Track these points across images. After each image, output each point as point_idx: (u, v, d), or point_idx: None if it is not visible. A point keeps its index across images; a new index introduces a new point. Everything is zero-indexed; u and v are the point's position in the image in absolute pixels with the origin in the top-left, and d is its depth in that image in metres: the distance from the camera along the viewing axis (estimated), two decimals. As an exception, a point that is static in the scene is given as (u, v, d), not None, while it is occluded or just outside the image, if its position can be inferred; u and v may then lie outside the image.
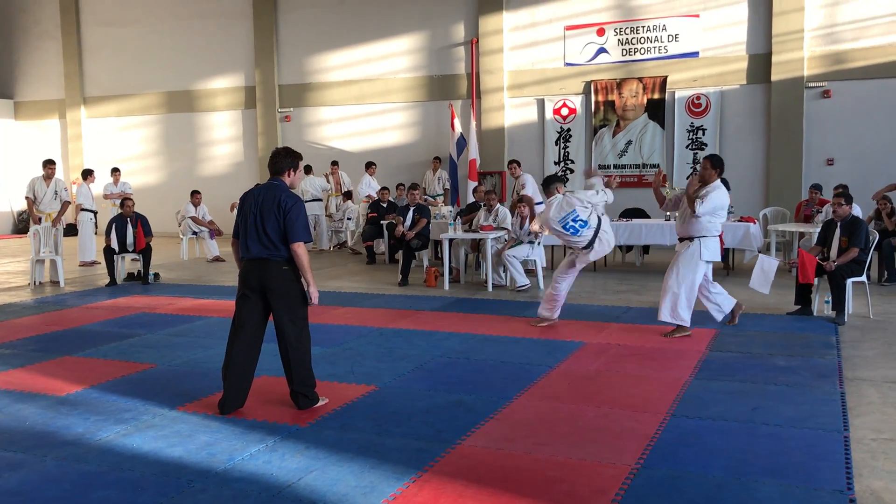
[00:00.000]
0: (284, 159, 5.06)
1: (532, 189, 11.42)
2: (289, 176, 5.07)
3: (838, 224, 7.88)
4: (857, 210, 8.48)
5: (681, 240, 7.08)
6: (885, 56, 12.71)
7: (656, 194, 7.45)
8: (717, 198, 6.77)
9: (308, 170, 14.71)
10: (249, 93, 17.33)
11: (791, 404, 5.01)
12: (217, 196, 15.92)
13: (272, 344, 5.07)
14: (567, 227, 7.19)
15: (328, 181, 14.88)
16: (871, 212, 10.14)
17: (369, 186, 14.31)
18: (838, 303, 7.53)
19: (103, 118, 18.74)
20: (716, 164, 6.90)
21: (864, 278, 7.77)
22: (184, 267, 12.78)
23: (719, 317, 7.32)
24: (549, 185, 7.52)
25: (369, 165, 14.76)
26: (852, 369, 5.85)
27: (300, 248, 4.91)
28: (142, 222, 10.94)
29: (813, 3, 13.06)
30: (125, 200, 11.39)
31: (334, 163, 15.22)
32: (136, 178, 17.08)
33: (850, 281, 7.60)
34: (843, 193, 8.09)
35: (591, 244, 7.26)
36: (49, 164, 11.62)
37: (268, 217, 4.89)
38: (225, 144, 17.87)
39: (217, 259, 13.29)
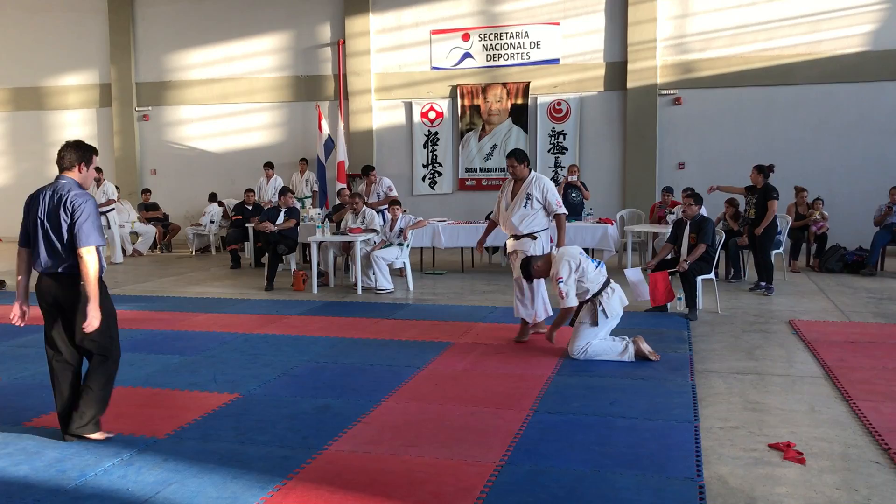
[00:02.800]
0: (73, 152, 4.45)
1: (395, 190, 11.85)
2: (80, 171, 4.46)
3: (688, 223, 8.34)
4: (703, 211, 9.01)
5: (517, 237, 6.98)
6: (729, 66, 13.53)
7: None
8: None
9: None
10: (104, 90, 16.50)
11: (646, 397, 5.25)
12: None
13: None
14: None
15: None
16: (720, 214, 10.77)
17: (272, 187, 13.69)
18: (690, 299, 7.96)
19: (-60, 115, 17.42)
20: (521, 158, 6.89)
21: (712, 276, 8.24)
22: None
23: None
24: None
25: (267, 167, 14.15)
26: (702, 362, 6.19)
27: (89, 255, 4.22)
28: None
29: (664, 14, 13.74)
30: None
31: None
32: (-22, 179, 15.96)
33: (699, 278, 8.05)
34: (693, 194, 8.56)
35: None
36: None
37: (55, 222, 4.29)
38: (78, 144, 16.92)
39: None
